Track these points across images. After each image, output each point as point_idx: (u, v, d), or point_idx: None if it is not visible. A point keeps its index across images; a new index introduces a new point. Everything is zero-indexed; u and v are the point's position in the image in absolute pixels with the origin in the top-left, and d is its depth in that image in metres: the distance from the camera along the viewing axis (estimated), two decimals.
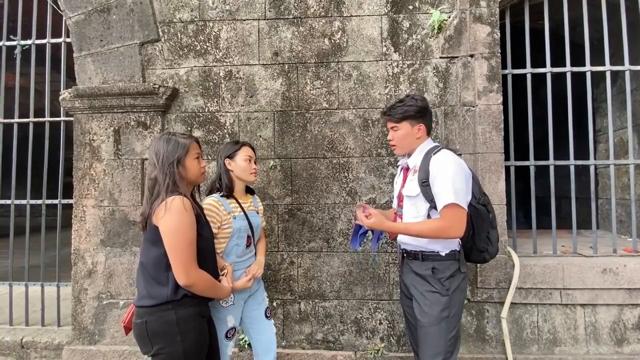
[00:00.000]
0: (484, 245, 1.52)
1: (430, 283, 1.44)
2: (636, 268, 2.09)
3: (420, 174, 1.44)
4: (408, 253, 1.53)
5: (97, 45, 2.34)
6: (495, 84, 2.13)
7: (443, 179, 1.38)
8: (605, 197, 3.05)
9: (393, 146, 1.57)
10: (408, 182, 1.52)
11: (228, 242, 1.55)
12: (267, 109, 2.30)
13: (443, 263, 1.45)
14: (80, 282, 2.31)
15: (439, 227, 1.38)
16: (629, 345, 2.13)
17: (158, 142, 1.32)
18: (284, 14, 2.29)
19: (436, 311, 1.41)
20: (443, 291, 1.42)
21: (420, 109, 1.49)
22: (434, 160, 1.43)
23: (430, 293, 1.43)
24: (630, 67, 2.24)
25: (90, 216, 2.31)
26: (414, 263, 1.50)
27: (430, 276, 1.44)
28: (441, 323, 1.41)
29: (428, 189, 1.41)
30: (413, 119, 1.49)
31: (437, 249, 1.46)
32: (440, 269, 1.44)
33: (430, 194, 1.41)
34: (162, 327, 1.22)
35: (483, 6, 2.15)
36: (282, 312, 2.26)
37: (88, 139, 2.34)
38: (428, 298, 1.43)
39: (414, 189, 1.46)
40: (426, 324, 1.42)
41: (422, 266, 1.47)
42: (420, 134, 1.51)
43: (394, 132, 1.53)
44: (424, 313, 1.43)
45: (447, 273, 1.44)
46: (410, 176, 1.51)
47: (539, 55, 2.29)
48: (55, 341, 2.36)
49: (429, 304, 1.43)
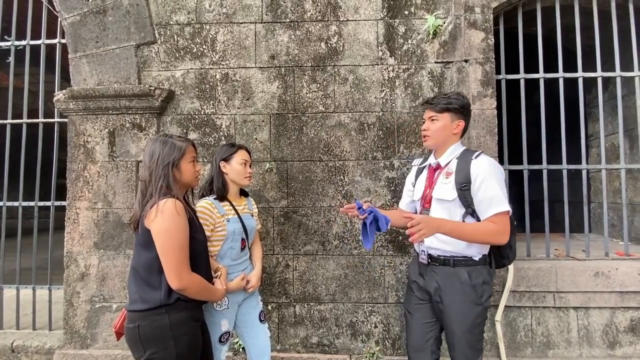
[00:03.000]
0: (507, 252, 1.49)
1: (466, 292, 1.40)
2: (628, 271, 2.11)
3: (458, 177, 1.38)
4: (435, 259, 1.46)
5: (93, 47, 2.33)
6: (490, 89, 2.16)
7: (494, 185, 1.34)
8: (597, 201, 3.08)
9: (425, 137, 1.50)
10: (440, 184, 1.45)
11: (222, 245, 1.54)
12: (263, 111, 2.30)
13: (476, 268, 1.41)
14: (73, 285, 2.28)
15: (494, 232, 1.32)
16: (621, 348, 2.14)
17: (154, 143, 1.31)
18: (281, 18, 2.30)
19: (469, 320, 1.40)
20: (477, 300, 1.40)
21: (464, 106, 1.47)
22: (478, 164, 1.38)
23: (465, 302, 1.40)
24: (621, 73, 2.28)
25: (84, 218, 2.29)
26: (442, 269, 1.44)
27: (467, 284, 1.39)
28: (474, 330, 1.41)
29: (467, 194, 1.35)
30: (455, 112, 1.45)
31: (471, 253, 1.41)
32: (474, 275, 1.40)
33: (469, 199, 1.35)
34: (155, 331, 1.21)
35: (477, 12, 2.18)
36: (277, 316, 2.25)
37: (82, 141, 2.32)
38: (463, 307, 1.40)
39: (450, 193, 1.40)
40: (459, 332, 1.41)
41: (454, 274, 1.41)
42: (457, 130, 1.47)
43: (431, 123, 1.47)
44: (458, 321, 1.41)
45: (481, 279, 1.41)
46: (442, 179, 1.45)
47: (532, 61, 2.33)
48: (47, 345, 2.33)
49: (462, 315, 1.40)
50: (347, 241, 2.25)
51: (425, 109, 1.52)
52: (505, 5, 2.26)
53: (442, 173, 1.47)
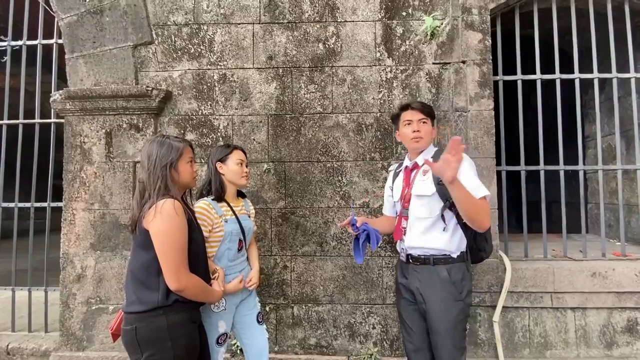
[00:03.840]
0: (483, 244, 1.55)
1: (446, 289, 1.45)
2: (625, 272, 2.12)
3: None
4: (415, 258, 1.52)
5: (90, 47, 2.32)
6: (487, 90, 2.16)
7: (468, 175, 1.41)
8: (594, 202, 3.10)
9: (418, 138, 1.56)
10: (418, 182, 1.53)
11: (220, 246, 1.54)
12: (261, 112, 2.30)
13: (455, 265, 1.47)
14: (69, 286, 2.27)
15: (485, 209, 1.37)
16: (618, 349, 2.15)
17: (151, 144, 1.30)
18: (279, 19, 2.30)
19: (452, 317, 1.44)
20: (458, 296, 1.45)
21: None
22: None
23: (446, 300, 1.45)
24: (617, 74, 2.30)
25: (80, 219, 2.27)
26: (423, 268, 1.50)
27: (447, 281, 1.45)
28: (457, 326, 1.45)
29: (444, 188, 1.41)
30: (433, 119, 1.62)
31: (450, 250, 1.47)
32: (453, 272, 1.46)
33: (446, 192, 1.41)
34: (153, 333, 1.20)
35: (475, 14, 2.18)
36: (275, 317, 2.24)
37: (79, 141, 2.31)
38: (444, 305, 1.45)
39: (429, 189, 1.48)
40: (442, 330, 1.44)
41: (434, 272, 1.47)
42: (434, 134, 1.63)
43: (423, 125, 1.56)
44: (441, 319, 1.44)
45: (460, 275, 1.47)
46: (420, 176, 1.53)
47: (529, 62, 2.33)
48: (42, 347, 2.31)
49: (445, 311, 1.44)
50: (345, 242, 2.24)
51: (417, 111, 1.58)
52: (502, 7, 2.27)
53: (419, 172, 1.55)
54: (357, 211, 2.24)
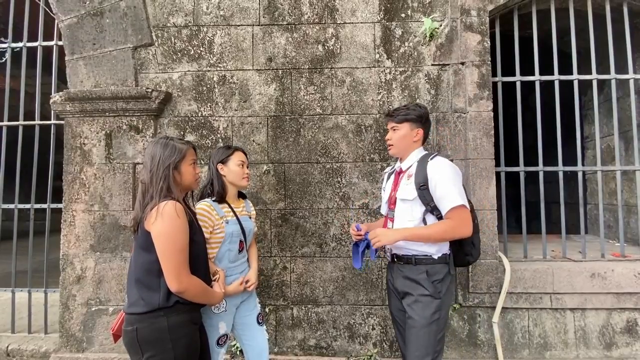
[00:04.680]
0: (469, 249, 1.56)
1: (424, 286, 1.46)
2: (624, 272, 2.12)
3: (417, 178, 1.49)
4: (399, 257, 1.55)
5: (90, 49, 2.32)
6: (486, 91, 2.17)
7: (446, 183, 1.43)
8: (593, 203, 3.10)
9: (390, 146, 1.61)
10: (403, 185, 1.56)
11: (220, 247, 1.54)
12: (260, 113, 2.30)
13: (435, 266, 1.49)
14: (69, 288, 2.27)
15: (451, 227, 1.41)
16: (617, 349, 2.15)
17: (155, 145, 1.31)
18: (278, 20, 2.31)
19: (428, 314, 1.44)
20: (435, 294, 1.46)
21: (421, 115, 1.58)
22: (433, 165, 1.48)
23: (423, 296, 1.46)
24: (616, 75, 2.30)
25: (80, 221, 2.28)
26: (406, 267, 1.52)
27: (425, 279, 1.47)
28: (431, 325, 1.44)
29: (426, 193, 1.45)
30: (413, 122, 1.56)
31: (430, 252, 1.49)
32: (433, 272, 1.48)
33: (427, 197, 1.45)
34: (154, 334, 1.20)
35: (473, 15, 2.19)
36: (274, 318, 2.24)
37: (79, 143, 2.31)
38: (421, 301, 1.46)
39: (411, 193, 1.50)
40: (417, 325, 1.44)
41: (415, 270, 1.49)
42: (417, 138, 1.58)
43: (393, 133, 1.59)
44: (416, 316, 1.45)
45: (439, 276, 1.48)
46: (404, 180, 1.55)
47: (528, 63, 2.34)
48: (42, 349, 2.31)
49: (422, 306, 1.45)
50: (345, 243, 2.25)
51: (387, 120, 1.62)
52: (501, 9, 2.28)
53: (404, 176, 1.57)
54: (356, 212, 2.24)
